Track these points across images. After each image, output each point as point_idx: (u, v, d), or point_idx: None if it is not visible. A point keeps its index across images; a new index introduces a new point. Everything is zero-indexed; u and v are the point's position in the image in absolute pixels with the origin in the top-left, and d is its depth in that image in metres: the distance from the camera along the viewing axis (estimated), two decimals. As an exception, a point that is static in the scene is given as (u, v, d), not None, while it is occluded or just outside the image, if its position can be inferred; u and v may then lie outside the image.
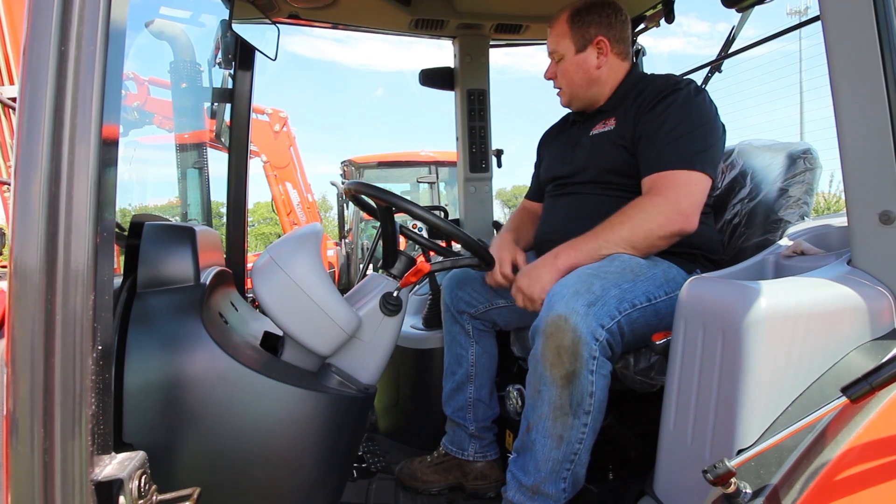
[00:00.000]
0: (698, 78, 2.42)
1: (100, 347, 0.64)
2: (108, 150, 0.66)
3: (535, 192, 2.07)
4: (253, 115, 2.29)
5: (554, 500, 1.35)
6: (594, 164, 1.71)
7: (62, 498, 0.60)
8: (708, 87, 2.43)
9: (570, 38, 1.73)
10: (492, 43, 2.75)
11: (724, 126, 1.65)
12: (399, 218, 1.62)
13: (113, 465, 0.66)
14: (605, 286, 1.35)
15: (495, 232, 2.74)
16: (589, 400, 1.32)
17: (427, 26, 2.54)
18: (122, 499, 0.64)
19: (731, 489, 0.85)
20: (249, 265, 1.94)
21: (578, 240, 1.51)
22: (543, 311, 1.35)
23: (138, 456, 0.68)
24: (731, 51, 2.37)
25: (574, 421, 1.32)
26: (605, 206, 1.57)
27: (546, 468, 1.34)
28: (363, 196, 1.58)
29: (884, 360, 0.80)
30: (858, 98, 1.04)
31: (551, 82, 1.84)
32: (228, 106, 2.19)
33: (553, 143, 1.98)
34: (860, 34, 1.03)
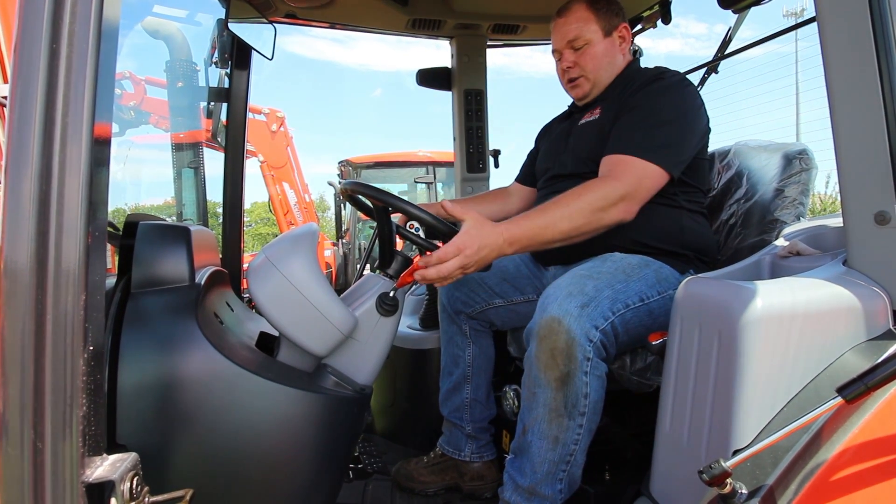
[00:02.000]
0: (695, 78, 2.43)
1: (91, 348, 0.63)
2: (100, 149, 0.65)
3: (521, 176, 2.13)
4: (250, 115, 2.29)
5: (550, 501, 1.35)
6: (578, 153, 1.71)
7: (52, 500, 0.60)
8: (704, 89, 2.44)
9: (596, 23, 1.71)
10: (489, 43, 2.75)
11: (707, 122, 1.64)
12: (396, 217, 1.62)
13: (104, 467, 0.65)
14: (598, 287, 1.35)
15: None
16: (584, 401, 1.31)
17: (424, 26, 2.54)
18: (113, 500, 0.63)
19: (727, 489, 0.84)
20: (246, 265, 1.93)
21: (523, 214, 1.42)
22: (537, 313, 1.35)
23: (130, 457, 0.68)
24: (727, 52, 2.37)
25: (569, 422, 1.32)
26: None
27: (542, 469, 1.34)
28: (360, 196, 1.58)
29: (879, 360, 0.80)
30: (854, 99, 1.05)
31: (552, 82, 1.84)
32: (225, 105, 2.19)
33: (549, 135, 1.99)
34: (856, 35, 1.03)
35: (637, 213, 1.47)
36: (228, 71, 2.16)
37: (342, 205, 8.44)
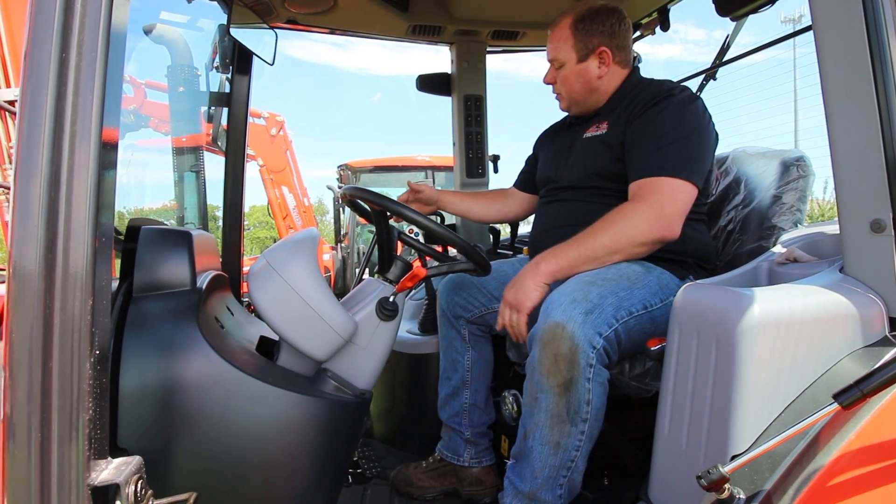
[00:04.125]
0: (693, 85, 2.45)
1: (97, 351, 0.64)
2: (107, 154, 0.66)
3: (519, 182, 2.16)
4: (250, 119, 2.30)
5: None
6: (584, 167, 1.71)
7: (58, 502, 0.60)
8: (702, 95, 2.46)
9: (572, 46, 1.72)
10: (489, 49, 2.76)
11: (717, 134, 1.65)
12: (395, 222, 1.63)
13: (109, 470, 0.66)
14: (602, 294, 1.36)
15: (491, 237, 2.75)
16: (586, 408, 1.32)
17: (424, 32, 2.56)
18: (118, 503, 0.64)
19: (725, 495, 0.85)
20: (245, 269, 1.93)
21: (561, 247, 1.49)
22: (540, 318, 1.35)
23: (134, 461, 0.68)
24: (725, 58, 2.39)
25: (571, 429, 1.32)
26: (594, 213, 1.56)
27: (543, 475, 1.35)
28: (359, 200, 1.58)
29: (875, 366, 0.81)
30: (850, 107, 1.06)
31: (549, 87, 1.84)
32: (225, 110, 2.20)
33: (549, 144, 1.99)
34: (851, 44, 1.04)
35: (692, 229, 1.53)
36: (229, 76, 2.17)
37: (341, 209, 8.45)
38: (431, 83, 2.80)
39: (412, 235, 1.82)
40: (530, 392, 1.36)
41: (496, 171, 2.88)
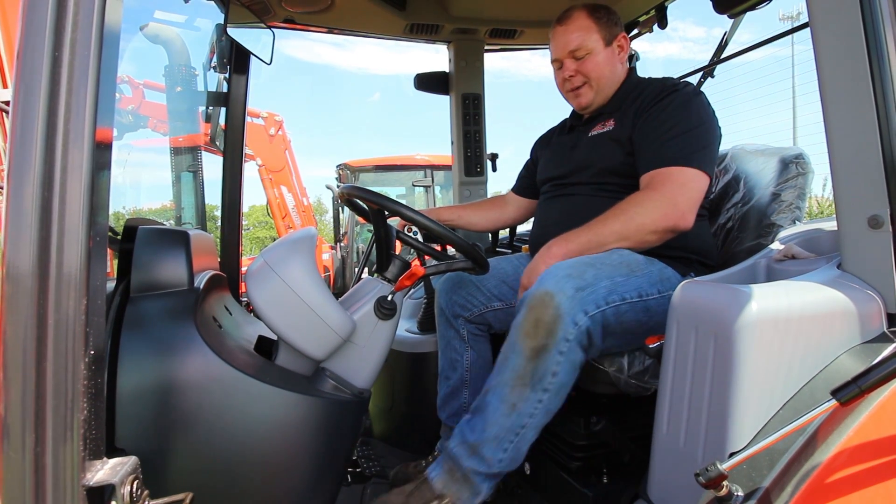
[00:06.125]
0: (692, 82, 2.44)
1: (92, 352, 0.64)
2: (101, 153, 0.66)
3: (517, 187, 2.17)
4: (248, 119, 2.29)
5: (487, 465, 1.35)
6: (592, 163, 1.72)
7: (53, 503, 0.60)
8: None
9: (597, 33, 1.74)
10: (487, 47, 2.76)
11: (720, 129, 1.66)
12: (395, 221, 1.62)
13: (105, 471, 0.66)
14: (597, 276, 1.37)
15: (489, 236, 2.75)
16: (550, 378, 1.32)
17: (422, 31, 2.56)
18: (113, 504, 0.64)
19: (723, 492, 0.85)
20: (244, 269, 1.93)
21: (573, 231, 1.51)
22: (534, 286, 1.36)
23: (130, 461, 0.68)
24: (724, 56, 2.39)
25: (530, 394, 1.32)
26: (598, 207, 1.56)
27: (491, 431, 1.35)
28: (357, 200, 1.58)
29: (873, 363, 0.81)
30: (847, 104, 1.06)
31: (550, 85, 1.85)
32: (223, 109, 2.20)
33: (549, 146, 1.99)
34: (848, 40, 1.04)
35: (693, 219, 1.51)
36: (227, 75, 2.17)
37: (340, 208, 8.44)
38: (429, 82, 2.80)
39: (410, 234, 1.82)
40: (504, 351, 1.38)
41: (494, 169, 2.88)
